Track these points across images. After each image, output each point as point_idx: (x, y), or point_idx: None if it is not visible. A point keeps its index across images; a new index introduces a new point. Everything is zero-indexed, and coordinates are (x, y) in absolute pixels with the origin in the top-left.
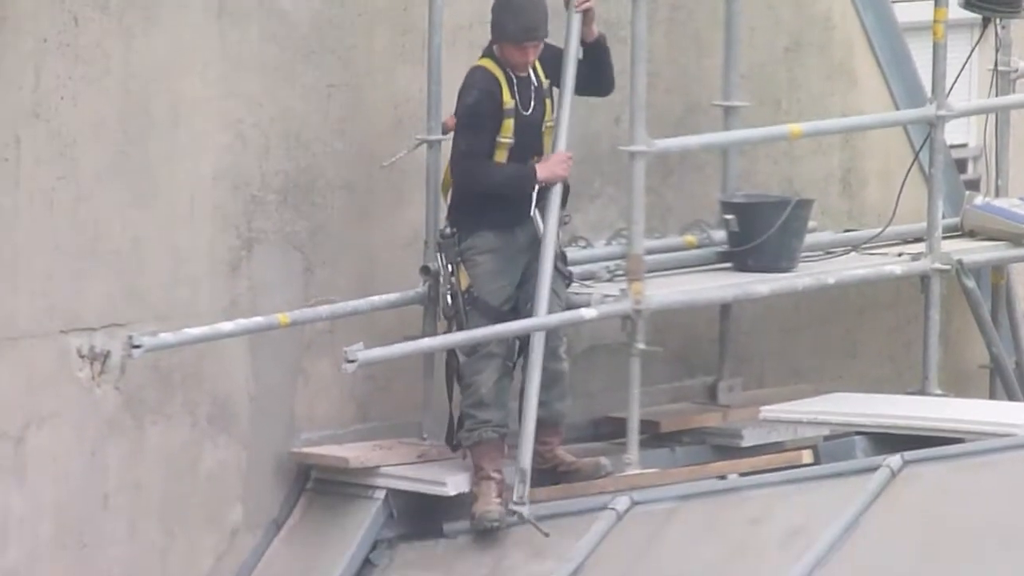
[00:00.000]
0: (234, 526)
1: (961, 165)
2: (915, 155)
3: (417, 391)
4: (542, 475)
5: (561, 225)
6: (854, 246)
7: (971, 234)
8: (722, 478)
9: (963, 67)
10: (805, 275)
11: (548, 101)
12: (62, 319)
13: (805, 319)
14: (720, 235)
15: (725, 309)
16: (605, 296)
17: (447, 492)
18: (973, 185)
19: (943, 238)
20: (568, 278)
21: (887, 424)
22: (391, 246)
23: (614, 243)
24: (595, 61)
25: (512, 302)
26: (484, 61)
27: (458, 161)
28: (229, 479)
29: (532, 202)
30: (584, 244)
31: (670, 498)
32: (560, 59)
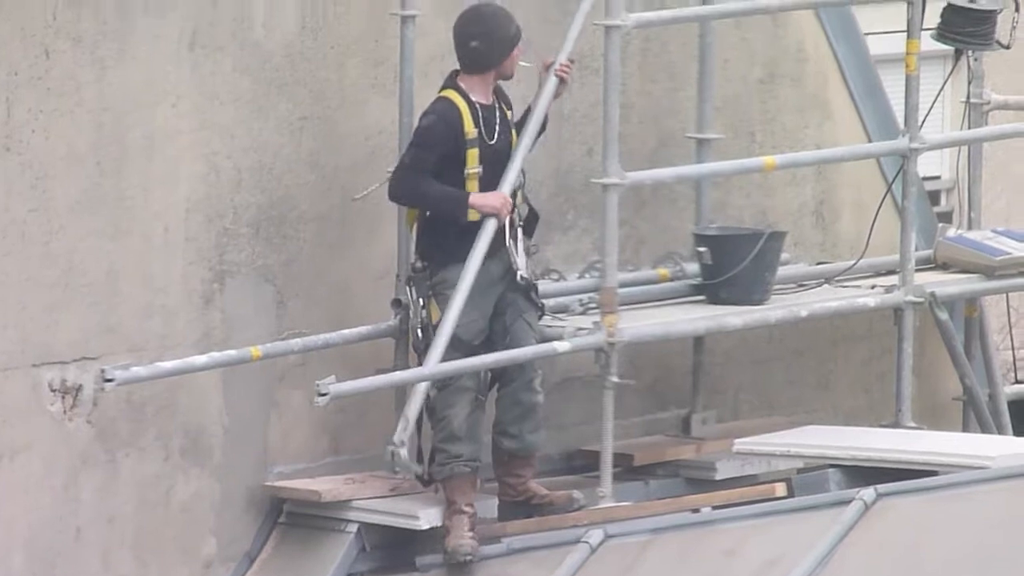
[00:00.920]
0: (207, 559)
1: (934, 197)
2: (888, 187)
3: (390, 424)
4: (515, 508)
5: (529, 255)
6: (827, 278)
7: (944, 266)
8: (696, 511)
9: (935, 99)
10: (778, 307)
11: (515, 132)
12: (35, 352)
13: (778, 351)
14: (693, 267)
15: (698, 342)
16: (578, 329)
17: (420, 526)
18: (946, 217)
19: (916, 270)
20: (540, 310)
21: (861, 457)
22: (363, 279)
23: (587, 276)
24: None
25: (484, 335)
26: (446, 92)
27: (396, 172)
28: (202, 512)
29: (505, 234)
30: (557, 277)
31: (644, 531)
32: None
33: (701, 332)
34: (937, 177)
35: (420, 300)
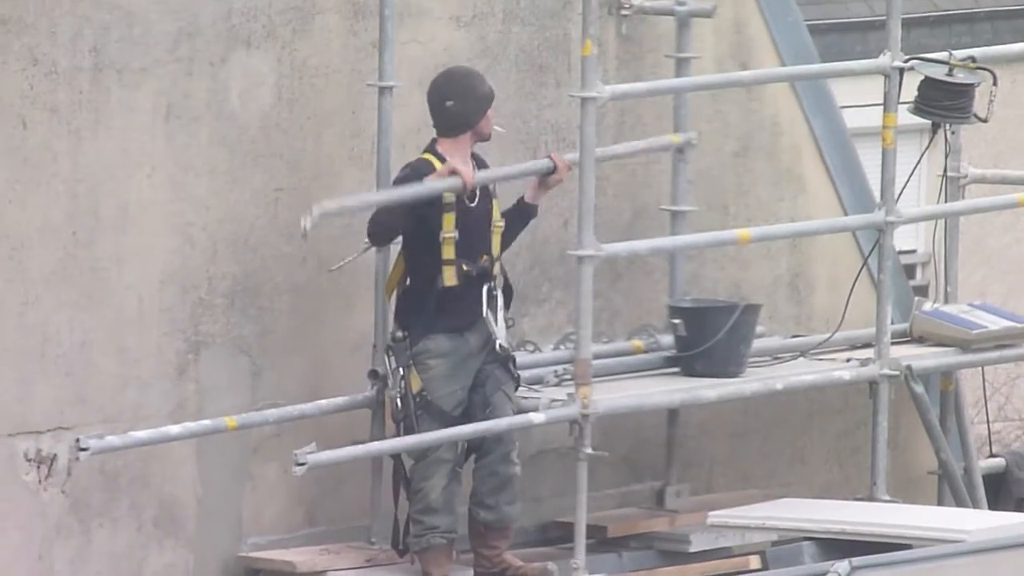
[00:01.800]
0: None
1: (910, 271)
2: (864, 261)
3: (365, 495)
4: None
5: (507, 328)
6: (803, 351)
7: (920, 340)
8: None
9: (912, 173)
10: (753, 380)
11: (495, 201)
12: (9, 422)
13: (753, 424)
14: (668, 339)
15: (673, 414)
16: (553, 400)
17: None
18: (922, 291)
19: (892, 344)
20: (517, 381)
21: (835, 530)
22: (339, 350)
23: (562, 347)
24: (522, 221)
25: (463, 406)
26: (424, 155)
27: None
28: None
29: (483, 304)
30: (532, 348)
31: None
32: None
33: (676, 404)
34: (913, 251)
35: (400, 369)
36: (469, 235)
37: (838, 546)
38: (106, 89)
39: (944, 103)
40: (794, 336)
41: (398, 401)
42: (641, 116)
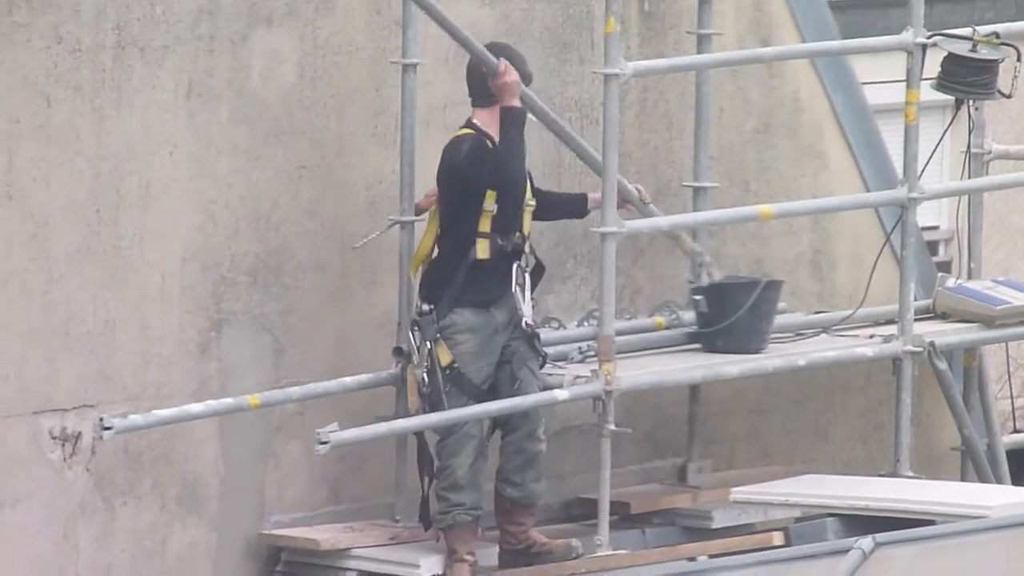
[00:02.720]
0: None
1: (933, 247)
2: (887, 237)
3: (389, 472)
4: (516, 556)
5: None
6: (825, 328)
7: (943, 316)
8: (692, 560)
9: (935, 149)
10: (775, 356)
11: (528, 180)
12: (35, 400)
13: (775, 401)
14: (690, 316)
15: (695, 390)
16: (577, 377)
17: (421, 574)
18: (945, 267)
19: (915, 320)
20: (543, 358)
21: (859, 506)
22: (363, 327)
23: (586, 324)
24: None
25: (490, 381)
26: (463, 131)
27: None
28: (199, 561)
29: (512, 280)
30: (557, 325)
31: None
32: None
33: (698, 380)
34: (936, 227)
35: (428, 343)
36: (505, 210)
37: (861, 522)
38: (128, 67)
39: (967, 79)
40: (816, 312)
41: (424, 376)
42: (663, 93)
